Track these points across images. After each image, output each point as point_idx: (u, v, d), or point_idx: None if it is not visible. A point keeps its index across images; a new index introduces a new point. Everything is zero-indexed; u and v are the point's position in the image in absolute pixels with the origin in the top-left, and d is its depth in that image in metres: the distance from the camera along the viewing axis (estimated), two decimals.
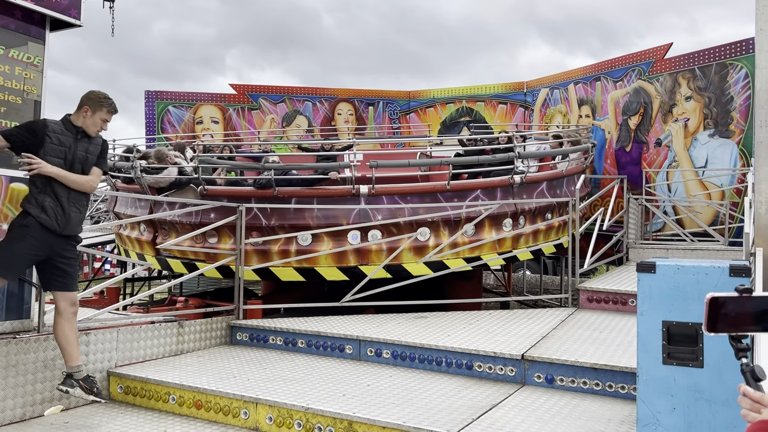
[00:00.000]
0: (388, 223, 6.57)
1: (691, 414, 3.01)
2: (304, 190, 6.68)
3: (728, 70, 8.92)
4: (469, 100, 13.78)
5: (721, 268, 3.01)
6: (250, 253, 6.46)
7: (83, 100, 3.97)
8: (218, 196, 6.69)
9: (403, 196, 6.79)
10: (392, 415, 3.60)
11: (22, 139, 3.81)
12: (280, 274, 6.56)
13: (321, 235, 6.50)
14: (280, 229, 6.49)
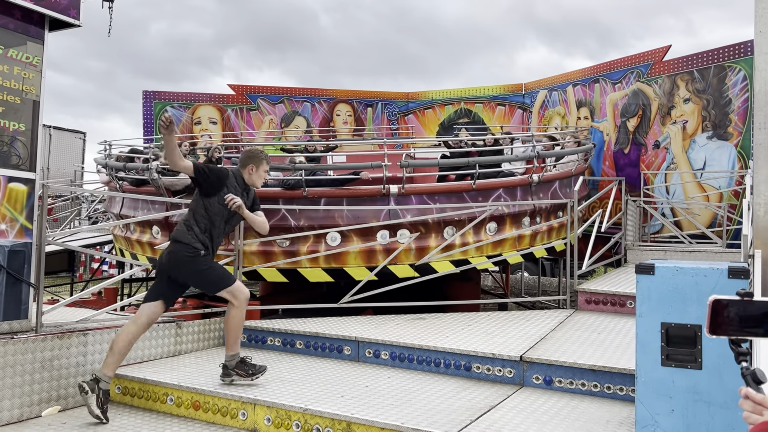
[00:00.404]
0: (417, 222, 6.60)
1: (690, 416, 3.01)
2: (334, 191, 6.63)
3: (726, 73, 8.94)
4: (467, 101, 13.78)
5: (720, 270, 3.02)
6: (277, 253, 6.42)
7: (246, 159, 4.50)
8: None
9: (431, 195, 6.84)
10: (390, 417, 3.60)
11: (210, 182, 4.31)
12: (309, 275, 6.49)
13: (350, 235, 6.47)
14: (309, 230, 6.43)
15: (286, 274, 6.49)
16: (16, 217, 4.29)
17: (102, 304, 7.21)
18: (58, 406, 4.30)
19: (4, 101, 4.24)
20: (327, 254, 6.43)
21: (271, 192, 6.64)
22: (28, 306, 4.36)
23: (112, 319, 5.17)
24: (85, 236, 10.54)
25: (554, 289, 12.70)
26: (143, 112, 13.26)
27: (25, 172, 4.38)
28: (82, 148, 17.13)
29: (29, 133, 4.41)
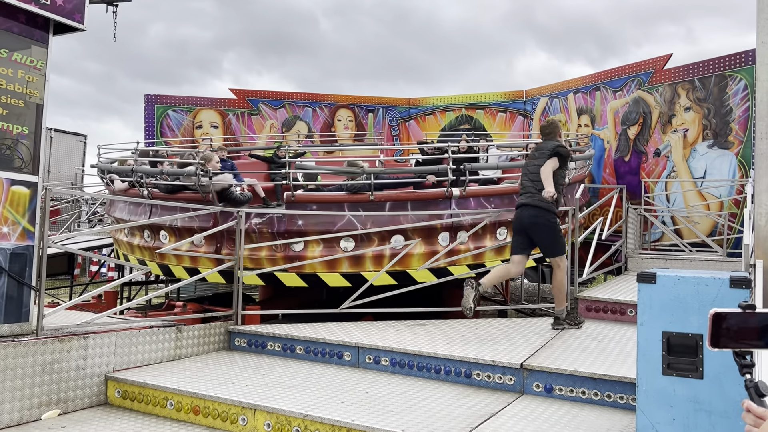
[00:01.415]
0: (474, 224, 6.76)
1: (691, 425, 3.01)
2: (400, 194, 6.72)
3: (727, 82, 8.96)
4: (468, 108, 13.81)
5: (722, 280, 3.02)
6: (342, 259, 6.44)
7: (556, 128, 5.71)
8: (308, 203, 6.62)
9: (487, 197, 7.05)
10: (391, 423, 3.59)
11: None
12: (371, 277, 6.49)
13: (414, 238, 6.56)
14: (375, 234, 6.48)
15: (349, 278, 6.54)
16: (18, 220, 4.29)
17: (102, 307, 7.21)
18: (58, 409, 4.29)
19: (7, 104, 4.25)
20: (391, 257, 6.51)
21: (337, 197, 6.67)
22: (29, 309, 4.36)
23: (112, 322, 5.17)
24: (85, 239, 10.55)
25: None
26: (145, 116, 13.28)
27: (27, 175, 4.38)
28: (82, 151, 17.14)
29: (32, 136, 4.42)
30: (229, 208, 6.35)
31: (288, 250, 6.41)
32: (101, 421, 4.19)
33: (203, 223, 6.68)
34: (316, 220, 6.44)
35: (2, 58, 4.22)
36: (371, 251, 6.49)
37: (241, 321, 5.93)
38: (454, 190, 6.75)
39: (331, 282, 6.43)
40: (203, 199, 6.76)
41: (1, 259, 4.18)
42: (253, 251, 6.48)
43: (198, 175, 6.75)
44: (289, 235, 6.39)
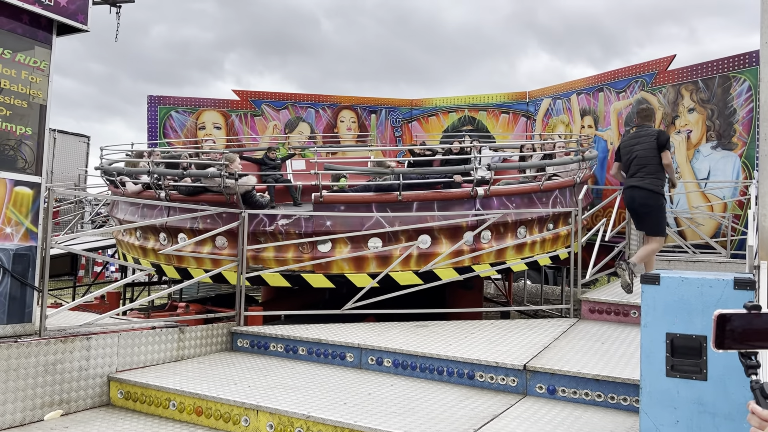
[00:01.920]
0: (498, 224, 6.84)
1: (695, 427, 3.00)
2: (428, 194, 6.75)
3: (731, 83, 8.94)
4: (471, 109, 13.80)
5: (726, 281, 3.01)
6: (370, 258, 6.45)
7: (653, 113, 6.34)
8: (336, 203, 6.61)
9: (509, 197, 7.14)
10: (393, 425, 3.59)
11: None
12: (399, 278, 6.56)
13: (440, 237, 6.60)
14: (403, 234, 6.51)
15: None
16: (21, 221, 4.30)
17: (105, 308, 7.21)
18: (61, 410, 4.30)
19: (11, 105, 4.26)
20: (418, 257, 6.54)
21: (365, 197, 6.67)
22: (32, 310, 4.36)
23: (115, 323, 5.17)
24: (88, 240, 10.56)
25: (557, 297, 12.67)
26: (148, 117, 13.29)
27: (30, 175, 4.39)
28: (86, 152, 17.17)
29: (36, 137, 4.43)
30: (234, 210, 6.34)
31: (315, 251, 6.41)
32: (104, 421, 4.19)
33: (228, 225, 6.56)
34: (344, 221, 6.45)
35: (6, 59, 4.23)
36: (399, 251, 6.51)
37: (244, 322, 5.93)
38: (479, 189, 6.82)
39: (358, 282, 6.44)
40: (226, 201, 6.66)
41: (4, 260, 4.18)
42: (279, 252, 6.46)
43: (223, 176, 6.64)
44: (317, 236, 6.38)
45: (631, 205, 6.24)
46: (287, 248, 6.48)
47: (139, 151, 8.86)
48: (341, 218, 6.44)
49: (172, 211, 6.97)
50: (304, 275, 6.45)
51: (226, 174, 6.69)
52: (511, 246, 7.04)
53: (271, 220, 6.52)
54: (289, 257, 6.49)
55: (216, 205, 6.56)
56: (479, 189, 6.83)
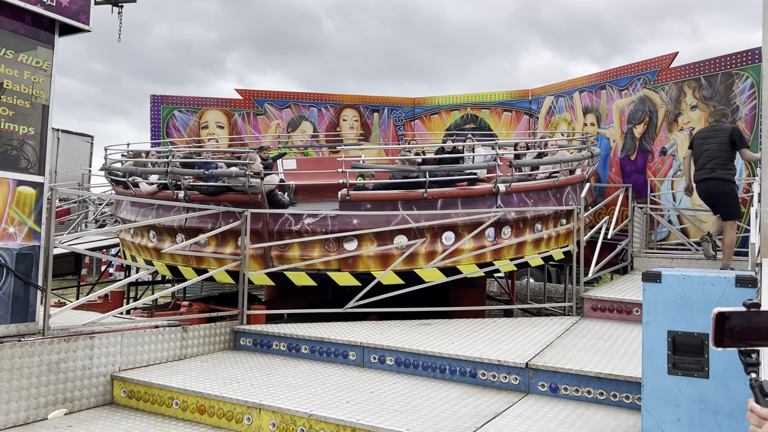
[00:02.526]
0: (518, 219, 6.96)
1: (696, 424, 3.00)
2: (452, 191, 6.82)
3: (734, 80, 8.91)
4: (474, 107, 13.79)
5: (728, 279, 3.00)
6: (396, 255, 6.48)
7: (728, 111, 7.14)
8: (362, 201, 6.63)
9: (527, 193, 7.25)
10: (396, 423, 3.59)
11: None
12: (425, 275, 6.59)
13: (463, 233, 6.67)
14: (428, 230, 6.57)
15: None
16: (24, 221, 4.31)
17: (108, 307, 7.23)
18: (65, 408, 4.31)
19: (14, 105, 4.27)
20: (442, 253, 6.60)
21: (391, 195, 6.69)
22: (35, 309, 4.38)
23: (118, 322, 5.19)
24: (92, 239, 10.59)
25: (560, 295, 12.66)
26: (151, 117, 13.31)
27: (33, 175, 4.40)
28: (89, 152, 17.21)
29: (38, 136, 4.44)
30: (233, 209, 6.34)
31: (341, 248, 6.43)
32: (107, 420, 4.21)
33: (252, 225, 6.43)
34: (371, 219, 6.48)
35: (8, 59, 4.24)
36: (424, 247, 6.55)
37: (247, 321, 5.95)
38: (501, 186, 6.90)
39: (384, 280, 6.47)
40: (250, 200, 6.62)
41: (8, 259, 4.20)
42: (305, 252, 6.46)
43: (248, 176, 6.58)
44: (345, 233, 6.41)
45: (706, 194, 6.85)
46: (313, 247, 6.50)
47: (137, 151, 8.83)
48: (367, 216, 6.47)
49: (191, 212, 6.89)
50: (331, 274, 6.47)
51: (251, 173, 6.62)
52: (529, 241, 7.21)
53: (296, 219, 6.52)
54: (315, 255, 6.51)
55: (239, 205, 6.52)
56: (501, 186, 6.94)
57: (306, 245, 6.55)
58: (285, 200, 7.02)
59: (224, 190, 6.88)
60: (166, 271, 7.19)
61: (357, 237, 6.49)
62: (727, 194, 6.70)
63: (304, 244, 6.55)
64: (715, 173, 6.64)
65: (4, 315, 4.18)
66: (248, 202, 6.61)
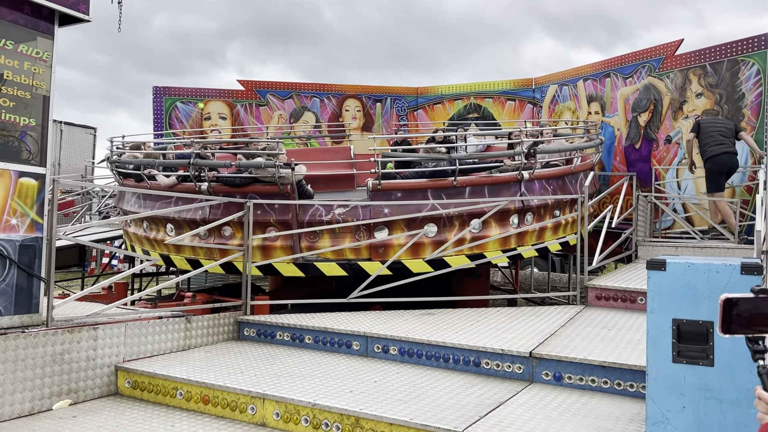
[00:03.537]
0: (539, 206, 7.07)
1: (702, 413, 2.98)
2: (480, 179, 6.85)
3: (740, 67, 8.84)
4: (477, 96, 13.72)
5: (733, 266, 2.98)
6: (427, 244, 6.51)
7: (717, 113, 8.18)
8: (393, 190, 6.63)
9: (548, 180, 7.37)
10: (399, 412, 3.59)
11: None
12: (453, 262, 6.63)
13: (490, 220, 6.72)
14: (457, 218, 6.61)
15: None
16: (26, 212, 4.31)
17: (112, 298, 7.25)
18: (69, 399, 4.33)
19: (14, 96, 4.26)
20: (470, 240, 6.67)
21: (421, 184, 6.69)
22: (38, 300, 4.38)
23: (122, 313, 5.20)
24: (95, 231, 10.60)
25: (564, 285, 12.65)
26: (153, 108, 13.29)
27: (35, 167, 4.39)
28: (92, 144, 17.23)
29: (39, 128, 4.43)
30: (239, 200, 6.33)
31: (372, 238, 6.44)
32: (112, 410, 4.22)
33: (281, 216, 6.47)
34: (401, 208, 6.49)
35: (8, 49, 4.22)
36: (453, 235, 6.58)
37: (250, 311, 5.95)
38: (524, 173, 6.95)
39: (414, 268, 6.48)
40: (279, 191, 6.57)
41: (11, 251, 4.20)
42: (335, 242, 6.45)
43: (277, 166, 6.48)
44: (375, 224, 6.41)
45: (730, 165, 7.95)
46: (344, 237, 6.49)
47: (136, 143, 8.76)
48: (398, 205, 6.49)
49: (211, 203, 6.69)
50: (361, 263, 6.46)
51: (281, 163, 6.52)
52: (549, 226, 7.35)
53: (327, 209, 6.49)
54: (345, 246, 6.50)
55: (267, 196, 6.50)
56: (524, 173, 7.00)
57: (336, 235, 6.55)
58: (310, 191, 6.95)
59: (251, 181, 6.75)
60: (186, 264, 6.99)
61: (387, 226, 6.51)
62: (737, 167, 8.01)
63: (334, 234, 6.53)
64: (733, 149, 7.84)
65: (8, 306, 4.19)
66: (276, 193, 6.57)
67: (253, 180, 6.72)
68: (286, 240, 6.51)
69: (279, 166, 6.49)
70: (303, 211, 6.49)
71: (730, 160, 7.94)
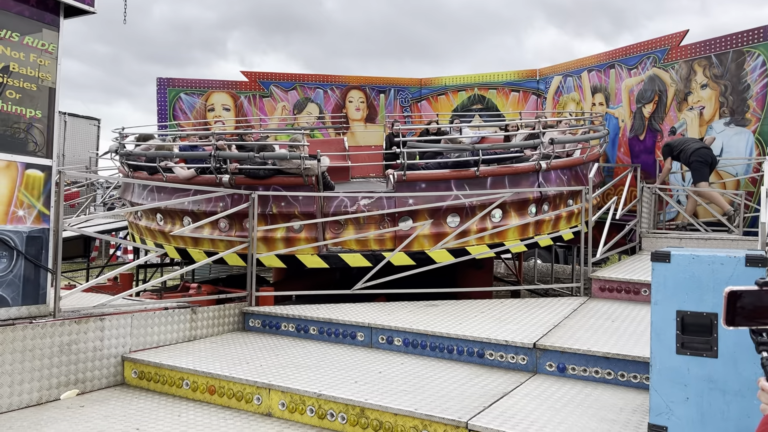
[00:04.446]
0: (555, 195, 7.19)
1: (705, 404, 3.00)
2: (501, 169, 6.92)
3: (745, 58, 8.79)
4: (481, 87, 13.68)
5: (737, 258, 2.99)
6: (449, 234, 6.55)
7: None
8: (417, 181, 6.65)
9: (563, 170, 7.49)
10: (404, 402, 3.62)
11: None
12: (474, 251, 6.72)
13: (510, 210, 6.83)
14: (479, 208, 6.67)
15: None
16: (33, 204, 4.33)
17: (118, 289, 7.28)
18: (77, 389, 4.37)
19: (20, 88, 4.27)
20: (492, 230, 6.77)
21: (444, 174, 6.71)
22: (46, 291, 4.42)
23: (128, 304, 5.23)
24: (100, 222, 10.64)
25: (568, 276, 12.65)
26: (157, 99, 13.29)
27: (41, 158, 4.41)
28: (96, 135, 17.25)
29: (45, 120, 4.44)
30: (243, 191, 6.35)
31: (395, 227, 6.48)
32: (119, 400, 4.26)
33: (306, 208, 6.46)
34: (425, 199, 6.53)
35: (14, 41, 4.23)
36: (475, 225, 6.65)
37: (255, 302, 5.98)
38: (542, 163, 7.03)
39: (438, 258, 6.52)
40: (304, 183, 6.53)
41: (18, 242, 4.23)
42: (359, 231, 6.47)
43: (303, 158, 6.45)
44: (400, 214, 6.46)
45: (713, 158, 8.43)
46: (368, 227, 6.51)
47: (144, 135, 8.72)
48: (422, 196, 6.54)
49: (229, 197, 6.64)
50: (386, 254, 6.47)
51: (306, 155, 6.50)
52: (564, 215, 7.49)
53: (352, 201, 6.50)
54: (370, 237, 6.52)
55: (291, 188, 6.50)
56: (542, 163, 7.08)
57: (361, 226, 6.57)
58: (332, 183, 6.90)
59: (274, 173, 6.70)
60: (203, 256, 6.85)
61: (411, 216, 6.55)
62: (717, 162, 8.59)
63: (358, 224, 6.55)
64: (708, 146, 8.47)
65: (15, 297, 4.22)
66: (300, 185, 6.55)
67: (277, 171, 6.68)
68: (310, 231, 6.51)
69: (305, 158, 6.47)
70: (328, 202, 6.48)
71: (710, 152, 8.40)
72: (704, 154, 8.38)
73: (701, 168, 8.40)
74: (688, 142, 8.63)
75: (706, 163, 8.39)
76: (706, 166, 8.42)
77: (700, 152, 8.37)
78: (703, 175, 8.41)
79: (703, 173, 8.41)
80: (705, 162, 8.38)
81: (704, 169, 8.41)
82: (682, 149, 8.56)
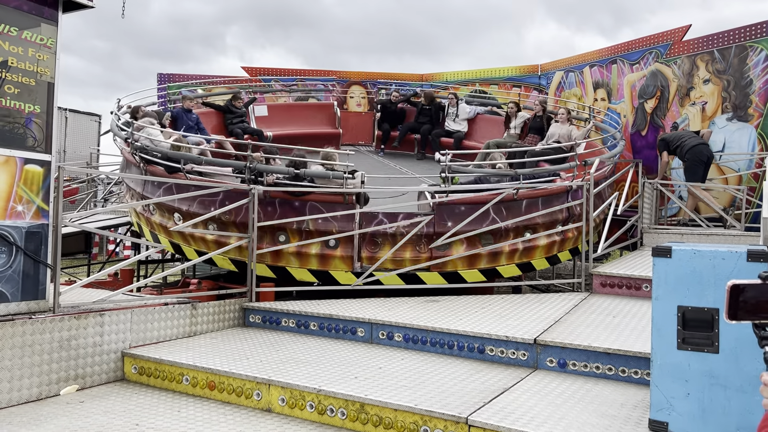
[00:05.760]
0: (580, 212, 7.13)
1: (706, 400, 2.99)
2: (537, 191, 6.94)
3: (748, 53, 8.75)
4: (482, 82, 13.65)
5: (739, 253, 2.97)
6: (483, 255, 6.55)
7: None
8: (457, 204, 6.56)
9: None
10: (404, 398, 3.61)
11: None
12: (504, 272, 6.79)
13: (539, 229, 6.86)
14: (513, 230, 6.71)
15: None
16: (32, 199, 4.32)
17: (118, 285, 7.28)
18: (76, 385, 4.37)
19: (19, 83, 4.26)
20: (522, 250, 6.81)
21: (484, 198, 6.61)
22: (45, 287, 4.41)
23: (128, 299, 5.22)
24: (101, 218, 10.63)
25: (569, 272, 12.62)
26: (158, 95, 13.26)
27: (40, 153, 4.40)
28: (97, 131, 17.23)
29: (44, 115, 4.43)
30: (245, 186, 6.32)
31: (432, 250, 6.42)
32: (118, 396, 4.26)
33: (343, 224, 6.32)
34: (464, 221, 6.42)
35: (12, 36, 4.21)
36: (507, 246, 6.67)
37: (256, 298, 5.98)
38: (573, 184, 7.07)
39: (469, 278, 6.55)
40: (344, 201, 6.39)
41: (17, 237, 4.22)
42: (396, 253, 6.32)
43: (345, 178, 6.30)
44: (438, 236, 6.38)
45: (708, 156, 8.36)
46: (405, 248, 6.36)
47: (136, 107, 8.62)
48: (461, 218, 6.45)
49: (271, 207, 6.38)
50: (420, 274, 6.44)
51: (349, 175, 6.34)
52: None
53: (391, 219, 6.36)
54: (406, 257, 6.40)
55: (329, 204, 6.34)
56: (573, 183, 7.11)
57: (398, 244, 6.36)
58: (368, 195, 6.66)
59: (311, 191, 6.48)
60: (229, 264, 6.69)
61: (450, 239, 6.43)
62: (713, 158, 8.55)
63: (395, 244, 6.34)
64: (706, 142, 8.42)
65: (15, 293, 4.21)
66: (339, 202, 6.41)
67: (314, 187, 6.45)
68: (345, 249, 6.35)
69: (347, 177, 6.34)
70: (367, 221, 6.35)
71: (706, 149, 8.34)
72: (699, 152, 8.26)
73: (695, 168, 8.31)
74: (684, 137, 8.51)
75: (701, 162, 8.28)
76: (701, 166, 8.30)
77: (695, 150, 8.26)
78: (696, 176, 8.32)
79: (696, 173, 8.31)
80: (700, 161, 8.27)
81: (698, 168, 8.31)
82: (678, 144, 8.47)
